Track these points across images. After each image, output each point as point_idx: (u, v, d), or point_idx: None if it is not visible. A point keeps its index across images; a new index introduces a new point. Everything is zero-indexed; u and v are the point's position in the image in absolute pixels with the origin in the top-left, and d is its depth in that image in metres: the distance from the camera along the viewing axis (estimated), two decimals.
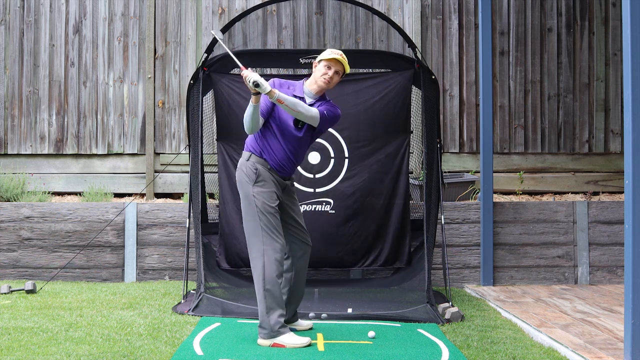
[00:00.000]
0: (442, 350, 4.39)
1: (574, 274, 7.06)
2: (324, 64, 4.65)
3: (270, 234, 4.53)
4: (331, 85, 4.67)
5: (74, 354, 4.13)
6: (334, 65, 4.64)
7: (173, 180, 8.05)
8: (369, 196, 6.50)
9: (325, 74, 4.63)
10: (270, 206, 4.56)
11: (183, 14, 8.14)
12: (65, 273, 7.01)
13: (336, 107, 4.78)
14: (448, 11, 8.15)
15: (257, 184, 4.58)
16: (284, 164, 4.65)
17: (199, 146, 6.28)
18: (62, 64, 8.12)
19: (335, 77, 4.65)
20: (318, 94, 4.70)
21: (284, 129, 4.62)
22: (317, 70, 4.68)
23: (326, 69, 4.64)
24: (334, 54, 4.64)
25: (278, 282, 4.53)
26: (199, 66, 6.40)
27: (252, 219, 4.56)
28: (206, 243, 6.44)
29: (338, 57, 4.62)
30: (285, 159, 4.64)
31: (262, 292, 4.51)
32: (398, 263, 6.53)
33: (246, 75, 4.40)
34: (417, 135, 6.79)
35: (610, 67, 8.17)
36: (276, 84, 4.69)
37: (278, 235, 4.56)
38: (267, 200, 4.56)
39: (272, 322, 4.48)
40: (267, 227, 4.53)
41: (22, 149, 8.09)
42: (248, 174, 4.61)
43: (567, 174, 8.13)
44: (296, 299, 4.88)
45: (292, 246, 4.80)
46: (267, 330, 4.49)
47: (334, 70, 4.64)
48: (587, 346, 4.39)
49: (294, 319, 4.92)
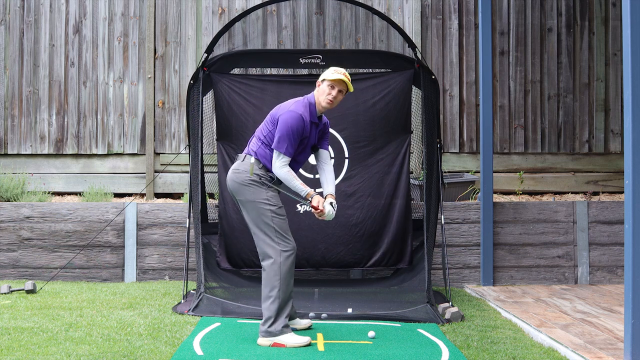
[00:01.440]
0: (442, 350, 4.39)
1: (574, 274, 7.06)
2: (328, 84, 4.63)
3: (284, 235, 4.58)
4: (334, 104, 4.67)
5: (74, 354, 4.13)
6: (337, 85, 4.63)
7: (173, 180, 8.05)
8: (370, 196, 6.50)
9: (329, 94, 4.61)
10: (281, 208, 4.63)
11: (183, 14, 8.14)
12: (65, 273, 7.02)
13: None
14: (448, 11, 8.15)
15: (270, 189, 4.64)
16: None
17: (199, 146, 6.27)
18: (62, 64, 8.12)
19: (339, 96, 4.65)
20: (320, 112, 4.73)
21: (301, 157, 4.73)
22: (320, 89, 4.66)
23: (330, 89, 4.62)
24: (337, 74, 4.60)
25: (292, 283, 4.59)
26: (199, 66, 6.40)
27: (265, 223, 4.57)
28: (206, 243, 6.43)
29: (342, 78, 4.60)
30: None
31: (276, 293, 4.51)
32: (401, 264, 6.53)
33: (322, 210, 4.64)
34: (417, 135, 6.79)
35: (610, 67, 8.17)
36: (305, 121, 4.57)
37: (290, 236, 4.63)
38: (279, 204, 4.63)
39: (278, 325, 4.50)
40: (282, 228, 4.58)
41: (22, 149, 8.09)
42: (260, 178, 4.63)
43: (567, 174, 8.13)
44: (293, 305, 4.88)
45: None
46: (271, 331, 4.50)
47: (338, 90, 4.63)
48: (587, 346, 4.39)
49: (293, 317, 4.93)
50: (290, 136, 4.51)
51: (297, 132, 4.52)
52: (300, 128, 4.52)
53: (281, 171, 4.56)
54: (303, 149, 4.67)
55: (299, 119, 4.51)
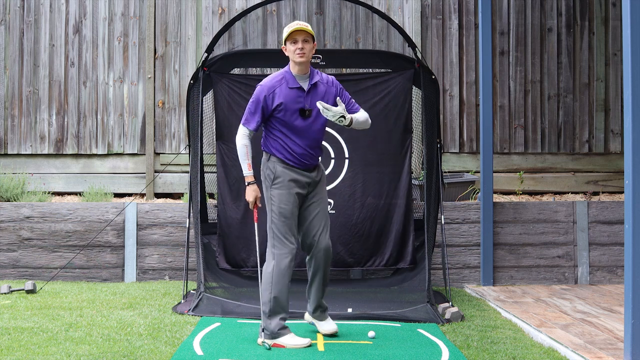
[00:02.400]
0: (442, 350, 4.39)
1: (574, 274, 7.06)
2: (289, 42, 4.55)
3: (282, 238, 4.52)
4: (308, 55, 4.53)
5: (74, 354, 4.13)
6: (298, 36, 4.53)
7: (173, 180, 8.05)
8: (370, 196, 6.50)
9: (296, 49, 4.52)
10: (285, 209, 4.53)
11: (183, 14, 8.14)
12: (65, 273, 7.01)
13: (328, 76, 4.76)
14: (448, 11, 8.15)
15: (274, 186, 4.56)
16: (301, 156, 4.57)
17: (199, 146, 6.28)
18: (62, 64, 8.12)
19: (306, 46, 4.53)
20: (305, 72, 4.59)
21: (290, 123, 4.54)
22: (288, 52, 4.58)
23: (293, 45, 4.53)
24: (290, 28, 4.54)
25: (286, 286, 4.53)
26: (199, 66, 6.40)
27: (268, 222, 4.57)
28: (206, 243, 6.43)
29: (296, 27, 4.52)
30: (300, 150, 4.56)
31: (267, 296, 4.51)
32: (402, 263, 6.52)
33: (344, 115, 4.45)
34: (417, 135, 6.78)
35: (610, 67, 8.17)
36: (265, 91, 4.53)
37: (290, 238, 4.53)
38: (283, 203, 4.53)
39: (272, 326, 4.49)
40: (280, 231, 4.52)
41: (22, 149, 8.09)
42: (267, 176, 4.60)
43: (567, 174, 8.13)
44: (314, 297, 4.80)
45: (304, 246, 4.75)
46: (268, 332, 4.49)
47: (302, 40, 4.52)
48: (587, 346, 4.39)
49: (321, 316, 4.85)
50: (250, 106, 4.56)
51: (254, 101, 4.53)
52: (258, 96, 4.52)
53: (238, 143, 4.58)
54: (291, 114, 4.51)
55: (258, 88, 4.55)
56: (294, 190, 4.55)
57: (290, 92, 4.53)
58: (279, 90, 4.52)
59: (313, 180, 4.64)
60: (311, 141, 4.60)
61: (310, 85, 4.58)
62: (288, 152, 4.55)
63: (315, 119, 4.58)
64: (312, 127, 4.59)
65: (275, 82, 4.56)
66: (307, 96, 4.56)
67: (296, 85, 4.56)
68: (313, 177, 4.64)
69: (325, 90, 4.62)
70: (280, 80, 4.57)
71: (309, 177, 4.61)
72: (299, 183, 4.58)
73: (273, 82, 4.56)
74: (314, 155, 4.63)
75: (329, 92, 4.63)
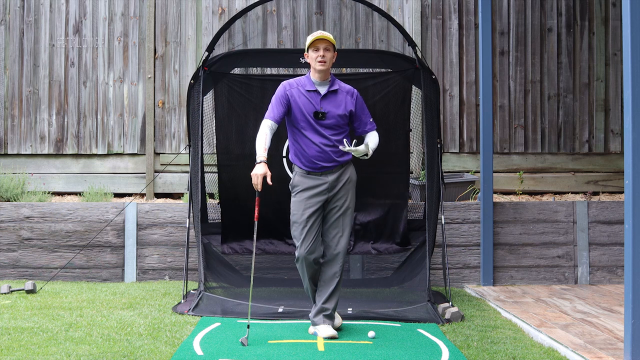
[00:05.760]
0: (442, 350, 4.39)
1: (574, 274, 7.06)
2: (312, 49, 4.79)
3: (301, 242, 4.75)
4: (329, 63, 4.78)
5: (74, 354, 4.13)
6: (320, 44, 4.76)
7: (173, 180, 8.05)
8: (370, 196, 6.50)
9: (317, 57, 4.76)
10: (296, 215, 4.78)
11: (183, 14, 8.14)
12: (65, 273, 7.02)
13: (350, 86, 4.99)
14: (448, 11, 8.15)
15: (293, 194, 4.84)
16: (316, 158, 4.76)
17: (199, 146, 6.28)
18: (62, 64, 8.12)
19: (327, 54, 4.77)
20: (324, 79, 4.83)
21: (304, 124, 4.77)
22: (309, 59, 4.83)
23: (315, 52, 4.77)
24: (313, 36, 4.78)
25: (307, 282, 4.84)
26: (200, 65, 6.39)
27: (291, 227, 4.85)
28: (206, 243, 6.43)
29: (319, 36, 4.75)
30: (314, 151, 4.76)
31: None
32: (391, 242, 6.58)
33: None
34: (417, 135, 6.78)
35: (610, 67, 8.17)
36: (286, 87, 4.82)
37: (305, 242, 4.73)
38: (298, 211, 4.78)
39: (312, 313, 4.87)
40: (295, 236, 4.81)
41: (22, 149, 8.09)
42: (290, 185, 4.89)
43: (567, 174, 8.13)
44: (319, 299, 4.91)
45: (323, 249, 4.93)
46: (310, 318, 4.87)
47: (323, 48, 4.76)
48: (587, 346, 4.39)
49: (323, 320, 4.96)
50: (273, 101, 4.83)
51: (276, 96, 4.82)
52: (279, 91, 4.81)
53: (259, 132, 4.76)
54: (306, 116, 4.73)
55: (280, 86, 4.84)
56: (311, 198, 4.77)
57: (307, 94, 4.79)
58: (296, 91, 4.80)
59: (331, 185, 4.80)
60: (326, 139, 4.78)
61: (328, 91, 4.82)
62: (303, 157, 4.79)
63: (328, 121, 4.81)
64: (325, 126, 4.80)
65: (295, 82, 4.86)
66: (322, 100, 4.78)
67: (313, 89, 4.80)
68: (331, 181, 4.79)
69: (342, 99, 4.86)
70: (300, 82, 4.85)
71: (326, 182, 4.79)
72: (315, 190, 4.78)
73: (293, 82, 4.87)
74: (330, 156, 4.78)
75: (346, 100, 4.87)
